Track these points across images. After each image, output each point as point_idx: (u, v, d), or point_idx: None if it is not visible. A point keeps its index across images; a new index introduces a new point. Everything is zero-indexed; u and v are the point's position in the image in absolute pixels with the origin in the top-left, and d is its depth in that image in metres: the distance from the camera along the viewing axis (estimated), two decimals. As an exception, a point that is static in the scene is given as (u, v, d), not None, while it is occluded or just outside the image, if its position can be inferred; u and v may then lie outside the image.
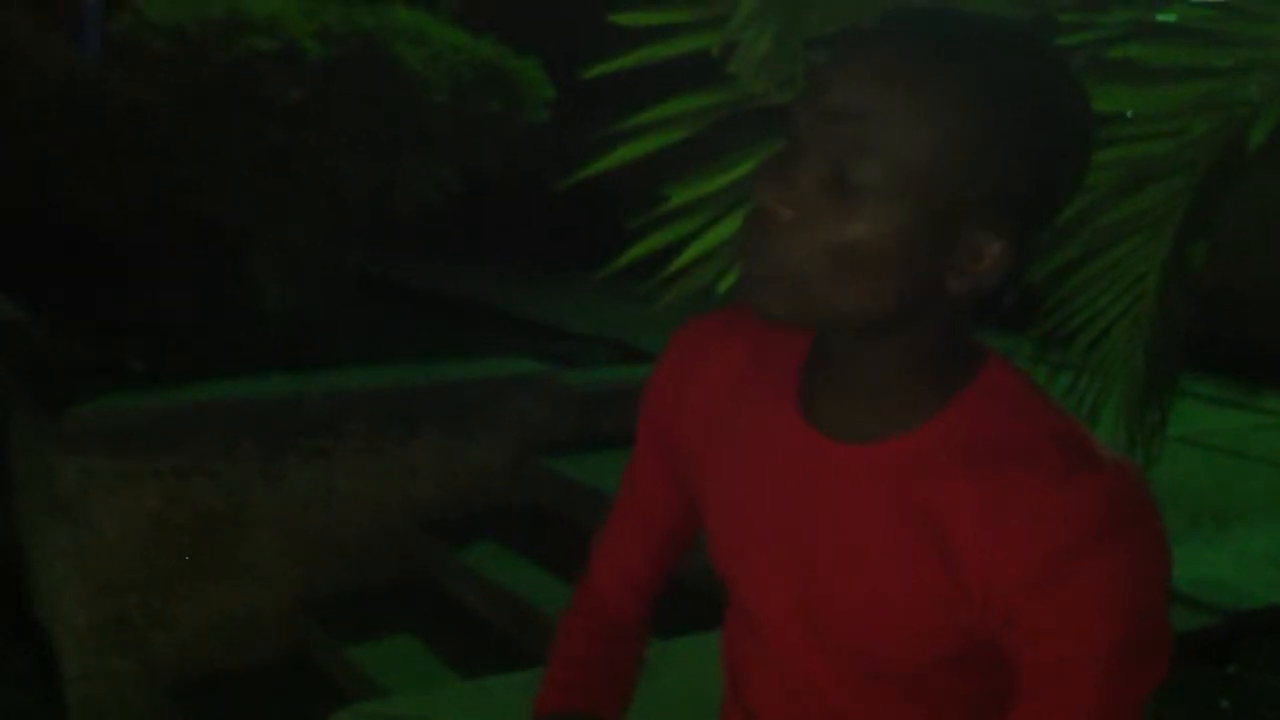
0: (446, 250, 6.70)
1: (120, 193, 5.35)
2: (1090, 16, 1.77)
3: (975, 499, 0.94)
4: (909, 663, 1.00)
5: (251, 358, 4.26)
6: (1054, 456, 0.92)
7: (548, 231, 7.07)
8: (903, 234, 0.89)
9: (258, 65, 4.14)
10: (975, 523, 0.94)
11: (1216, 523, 3.33)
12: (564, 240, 6.41)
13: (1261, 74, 1.87)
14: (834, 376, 1.01)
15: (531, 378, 4.42)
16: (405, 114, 4.40)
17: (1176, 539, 0.93)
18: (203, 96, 4.26)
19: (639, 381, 1.20)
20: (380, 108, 4.36)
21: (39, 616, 4.13)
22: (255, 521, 3.91)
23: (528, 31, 4.97)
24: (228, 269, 5.02)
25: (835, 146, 0.89)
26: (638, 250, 1.74)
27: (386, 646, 3.73)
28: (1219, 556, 3.03)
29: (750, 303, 0.95)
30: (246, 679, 3.90)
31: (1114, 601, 0.90)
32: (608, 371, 4.73)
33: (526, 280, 6.73)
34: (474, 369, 4.44)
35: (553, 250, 6.83)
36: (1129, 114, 2.00)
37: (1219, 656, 2.57)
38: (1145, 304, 2.13)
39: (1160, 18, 1.87)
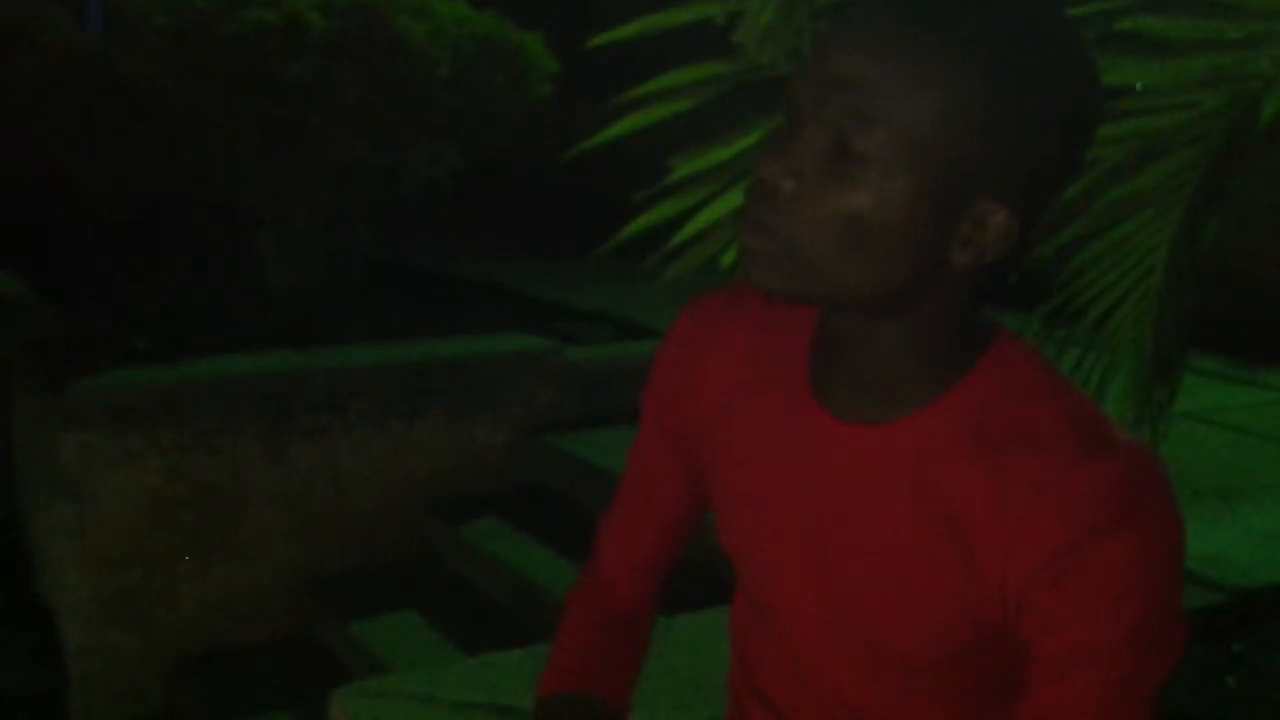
0: (448, 229, 6.68)
1: (125, 171, 5.34)
2: (1100, -13, 1.75)
3: (988, 484, 0.92)
4: (922, 651, 0.98)
5: (255, 336, 4.26)
6: (1067, 440, 0.91)
7: (549, 209, 7.05)
8: (906, 204, 0.87)
9: (260, 39, 4.12)
10: (988, 509, 0.92)
11: (1222, 500, 3.32)
12: (565, 217, 6.39)
13: (1273, 47, 1.85)
14: (842, 356, 0.99)
15: (535, 355, 4.40)
16: (410, 92, 4.38)
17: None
18: (206, 72, 4.24)
19: (643, 358, 1.18)
20: (385, 87, 4.34)
21: (41, 593, 4.13)
22: (258, 498, 3.91)
23: (531, 4, 4.95)
24: (233, 247, 5.01)
25: (836, 115, 0.87)
26: (639, 224, 1.73)
27: (390, 624, 3.73)
28: (1225, 534, 3.02)
29: (752, 279, 0.92)
30: (249, 656, 3.90)
31: (1128, 589, 0.89)
32: (611, 349, 4.72)
33: (528, 258, 6.71)
34: (477, 347, 4.43)
35: (554, 228, 6.81)
36: (1138, 87, 1.98)
37: (1225, 634, 2.56)
38: (1153, 280, 2.11)
39: (1171, -11, 1.84)
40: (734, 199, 1.73)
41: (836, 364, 1.00)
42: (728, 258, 1.76)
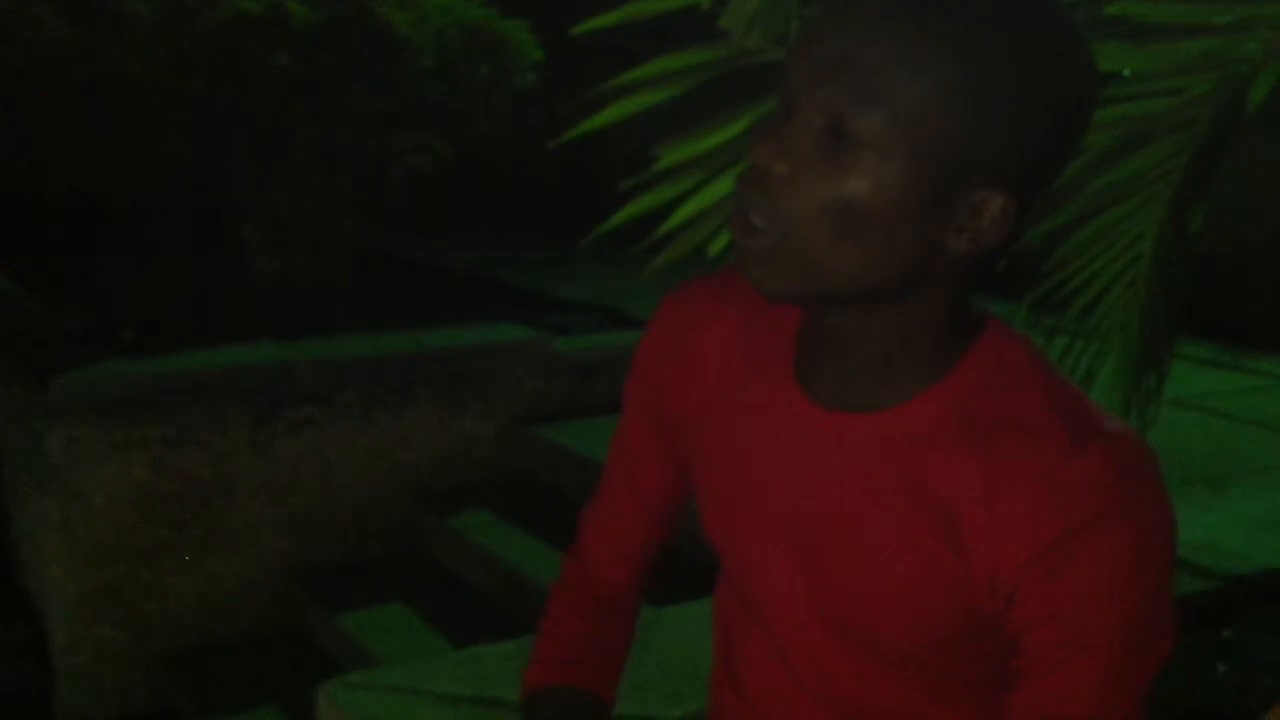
0: (436, 219, 6.66)
1: (110, 164, 5.32)
2: (1088, -28, 1.74)
3: (978, 475, 0.91)
4: (913, 642, 0.97)
5: (242, 328, 4.24)
6: (1057, 430, 0.89)
7: (537, 198, 7.04)
8: (903, 188, 0.85)
9: (243, 29, 4.09)
10: (978, 499, 0.91)
11: (1211, 486, 3.32)
12: (554, 206, 6.37)
13: (1262, 31, 1.85)
14: (831, 346, 0.97)
15: (523, 346, 4.39)
16: (394, 81, 4.36)
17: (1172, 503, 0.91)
18: (189, 63, 4.22)
19: (631, 348, 1.17)
20: (369, 77, 4.32)
21: (28, 588, 4.12)
22: (245, 491, 3.90)
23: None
24: (220, 239, 4.99)
25: (832, 98, 0.85)
26: (626, 213, 1.71)
27: (379, 616, 3.72)
28: (1214, 520, 3.02)
29: (746, 276, 0.91)
30: (237, 649, 3.89)
31: (1122, 579, 0.88)
32: (600, 339, 4.71)
33: (516, 247, 6.70)
34: (465, 337, 4.42)
35: (542, 217, 6.80)
36: (1126, 73, 1.97)
37: (1215, 621, 2.56)
38: (1142, 267, 2.11)
39: (1159, -27, 1.83)
40: (721, 186, 1.72)
41: (825, 353, 0.98)
42: (716, 246, 1.75)
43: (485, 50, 4.52)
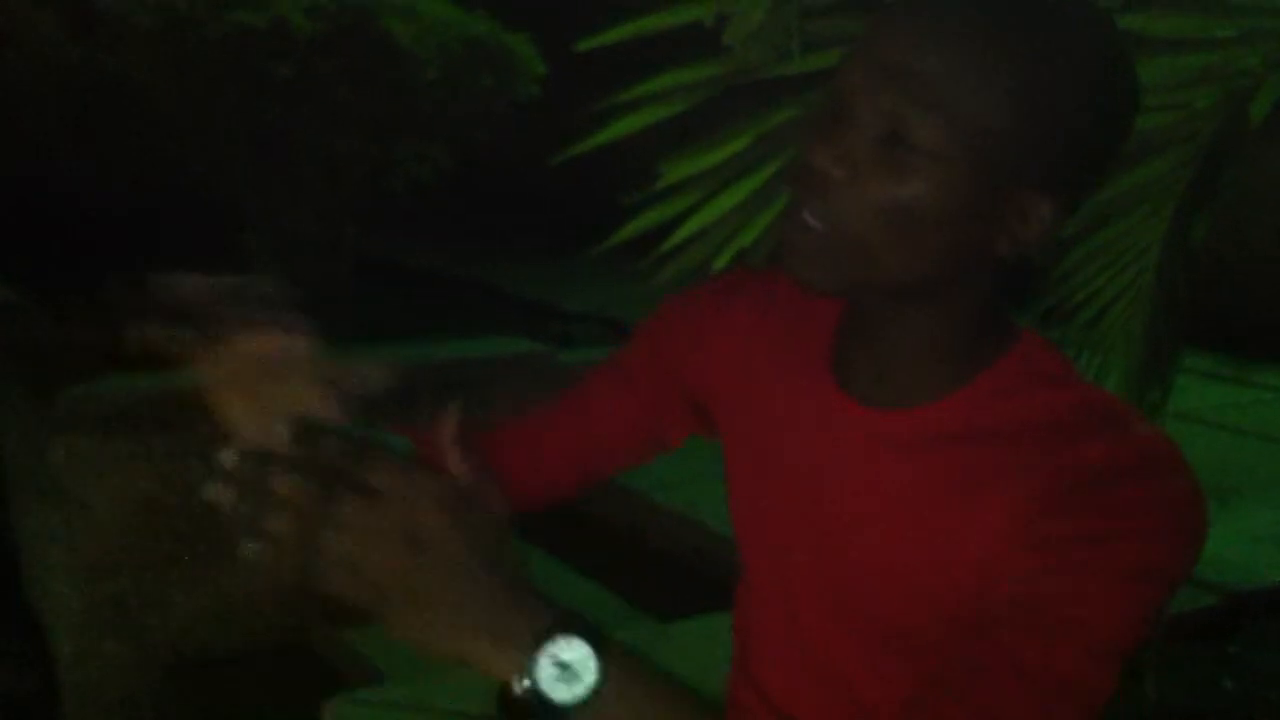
0: (441, 229, 6.67)
1: (114, 174, 5.33)
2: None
3: (994, 470, 0.92)
4: (927, 634, 0.97)
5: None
6: (1082, 425, 0.90)
7: (542, 210, 7.05)
8: (958, 194, 0.87)
9: (247, 41, 4.11)
10: (992, 494, 0.91)
11: (1217, 500, 3.30)
12: (559, 218, 6.38)
13: (1264, 44, 1.85)
14: (867, 341, 0.99)
15: (528, 357, 4.39)
16: (397, 91, 4.37)
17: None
18: (192, 72, 4.23)
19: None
20: (372, 85, 4.33)
21: (32, 600, 4.11)
22: (250, 503, 3.88)
23: (520, 6, 4.94)
24: (223, 248, 5.00)
25: (892, 105, 0.87)
26: (632, 227, 1.72)
27: (384, 629, 3.71)
28: (1220, 534, 2.98)
29: (793, 271, 0.93)
30: (244, 663, 3.88)
31: (1113, 584, 0.86)
32: (604, 350, 4.70)
33: (521, 258, 6.71)
34: (469, 348, 4.42)
35: (548, 228, 6.81)
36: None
37: (1220, 635, 2.55)
38: (1146, 279, 2.11)
39: (1162, -13, 1.84)
40: (725, 201, 1.73)
41: (861, 348, 1.00)
42: (720, 260, 1.76)
43: (489, 62, 4.53)
